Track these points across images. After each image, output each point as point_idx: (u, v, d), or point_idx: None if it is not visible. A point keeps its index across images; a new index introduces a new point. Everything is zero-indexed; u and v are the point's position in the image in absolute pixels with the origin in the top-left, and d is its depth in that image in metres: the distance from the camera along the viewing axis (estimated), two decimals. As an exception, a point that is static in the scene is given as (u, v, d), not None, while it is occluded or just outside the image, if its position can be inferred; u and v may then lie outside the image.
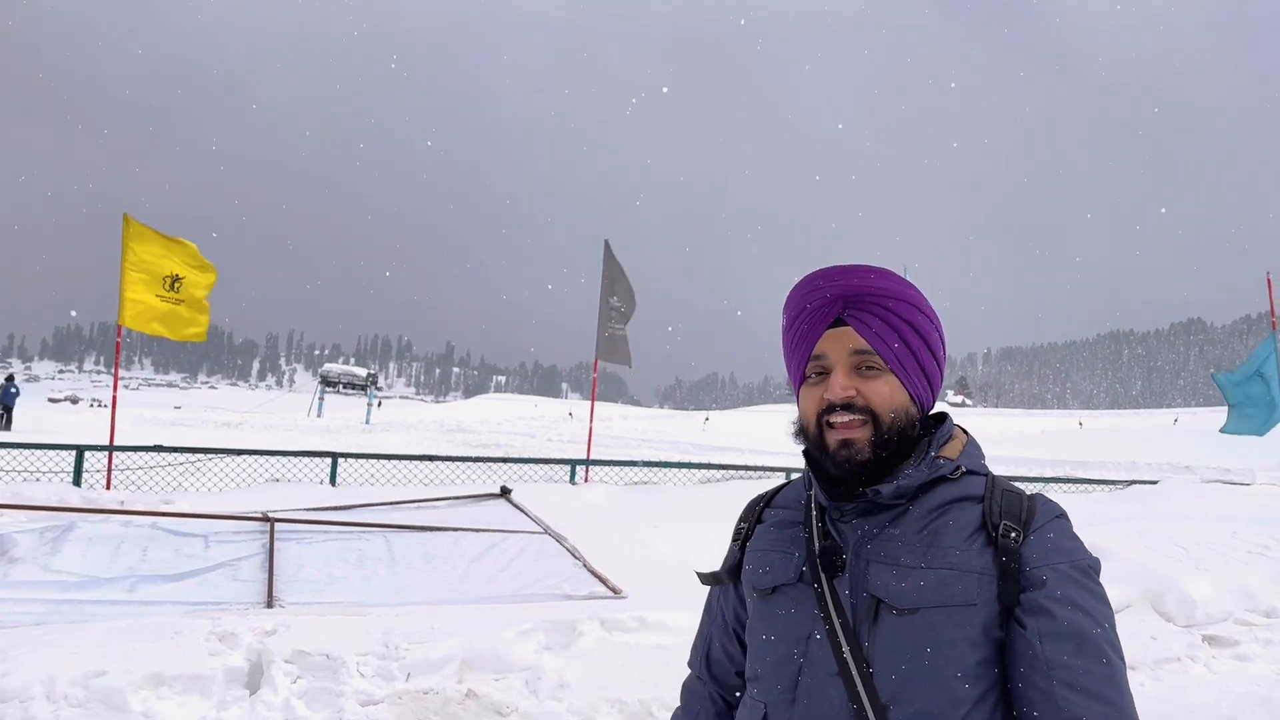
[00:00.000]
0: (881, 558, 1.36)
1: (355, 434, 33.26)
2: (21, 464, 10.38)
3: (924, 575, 1.33)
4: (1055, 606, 1.30)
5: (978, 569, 1.32)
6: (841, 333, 1.42)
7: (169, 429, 31.07)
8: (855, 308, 1.42)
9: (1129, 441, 39.95)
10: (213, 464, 11.44)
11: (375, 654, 4.62)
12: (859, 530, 1.40)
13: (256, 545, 7.19)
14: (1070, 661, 1.26)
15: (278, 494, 9.86)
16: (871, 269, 1.45)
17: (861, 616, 1.34)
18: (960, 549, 1.34)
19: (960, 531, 1.36)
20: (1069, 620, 1.29)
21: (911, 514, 1.40)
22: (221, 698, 4.27)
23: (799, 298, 1.47)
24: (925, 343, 1.45)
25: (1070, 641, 1.27)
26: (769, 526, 1.55)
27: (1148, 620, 6.36)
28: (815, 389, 1.44)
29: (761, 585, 1.47)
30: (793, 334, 1.48)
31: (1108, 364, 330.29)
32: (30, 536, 6.96)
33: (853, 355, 1.41)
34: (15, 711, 3.97)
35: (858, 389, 1.39)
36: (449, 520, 8.61)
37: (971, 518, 1.38)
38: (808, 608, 1.39)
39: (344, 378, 64.34)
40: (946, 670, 1.29)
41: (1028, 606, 1.31)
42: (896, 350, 1.41)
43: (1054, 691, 1.25)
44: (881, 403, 1.39)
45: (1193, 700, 5.26)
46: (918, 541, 1.36)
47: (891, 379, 1.41)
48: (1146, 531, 8.11)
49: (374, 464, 11.87)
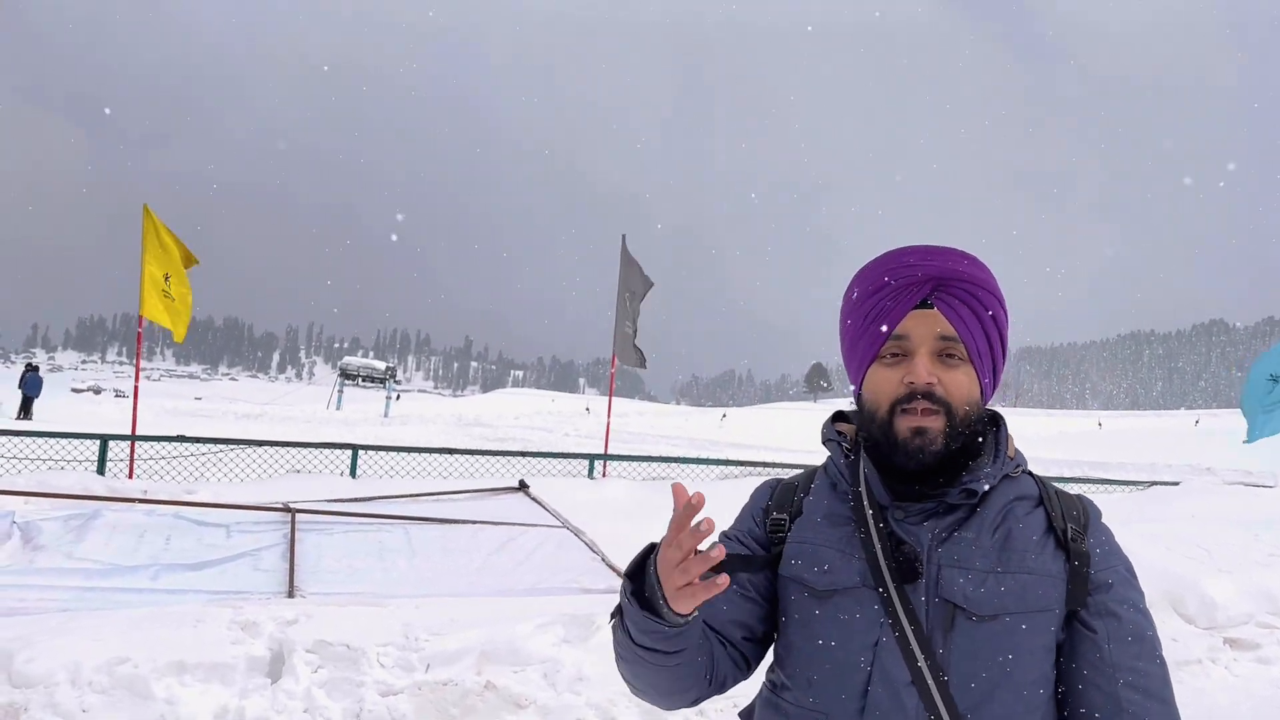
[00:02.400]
0: (955, 562, 1.31)
1: (374, 426, 33.45)
2: (46, 452, 10.47)
3: (1003, 580, 1.29)
4: (1121, 609, 1.32)
5: (1053, 573, 1.32)
6: (928, 315, 1.34)
7: (190, 419, 31.33)
8: (944, 291, 1.35)
9: (1149, 442, 39.66)
10: (234, 454, 11.51)
11: (395, 645, 4.64)
12: (929, 533, 1.33)
13: (278, 536, 7.24)
14: (1134, 664, 1.29)
15: (298, 485, 9.92)
16: (964, 254, 1.39)
17: (935, 624, 1.28)
18: (1035, 553, 1.32)
19: (1031, 534, 1.34)
20: (1133, 623, 1.32)
21: (981, 515, 1.34)
22: (243, 686, 4.30)
23: (881, 271, 1.38)
24: (1001, 338, 1.40)
25: (1135, 645, 1.30)
26: (813, 520, 1.44)
27: (1169, 622, 6.32)
28: (893, 371, 1.35)
29: (819, 586, 1.36)
30: (869, 309, 1.38)
31: (1128, 364, 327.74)
32: (55, 524, 7.03)
33: (938, 341, 1.34)
34: (40, 697, 4.02)
35: (939, 377, 1.33)
36: (468, 513, 8.64)
37: (1038, 519, 1.36)
38: (872, 613, 1.31)
39: (363, 371, 64.60)
40: (1025, 678, 1.28)
41: (1095, 610, 1.32)
42: (979, 342, 1.36)
43: (1119, 694, 1.27)
44: (960, 395, 1.33)
45: (1214, 703, 5.22)
46: (991, 545, 1.32)
47: (970, 370, 1.36)
48: (1167, 533, 8.05)
49: (393, 456, 11.90)
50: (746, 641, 1.46)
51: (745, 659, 1.47)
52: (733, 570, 1.41)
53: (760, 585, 1.45)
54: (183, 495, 8.88)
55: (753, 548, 1.49)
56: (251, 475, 11.12)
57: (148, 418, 24.03)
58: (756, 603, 1.45)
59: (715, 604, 1.40)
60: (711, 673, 1.39)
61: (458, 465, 11.90)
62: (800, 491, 1.51)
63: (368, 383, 63.95)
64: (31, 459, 10.28)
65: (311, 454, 11.78)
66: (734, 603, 1.44)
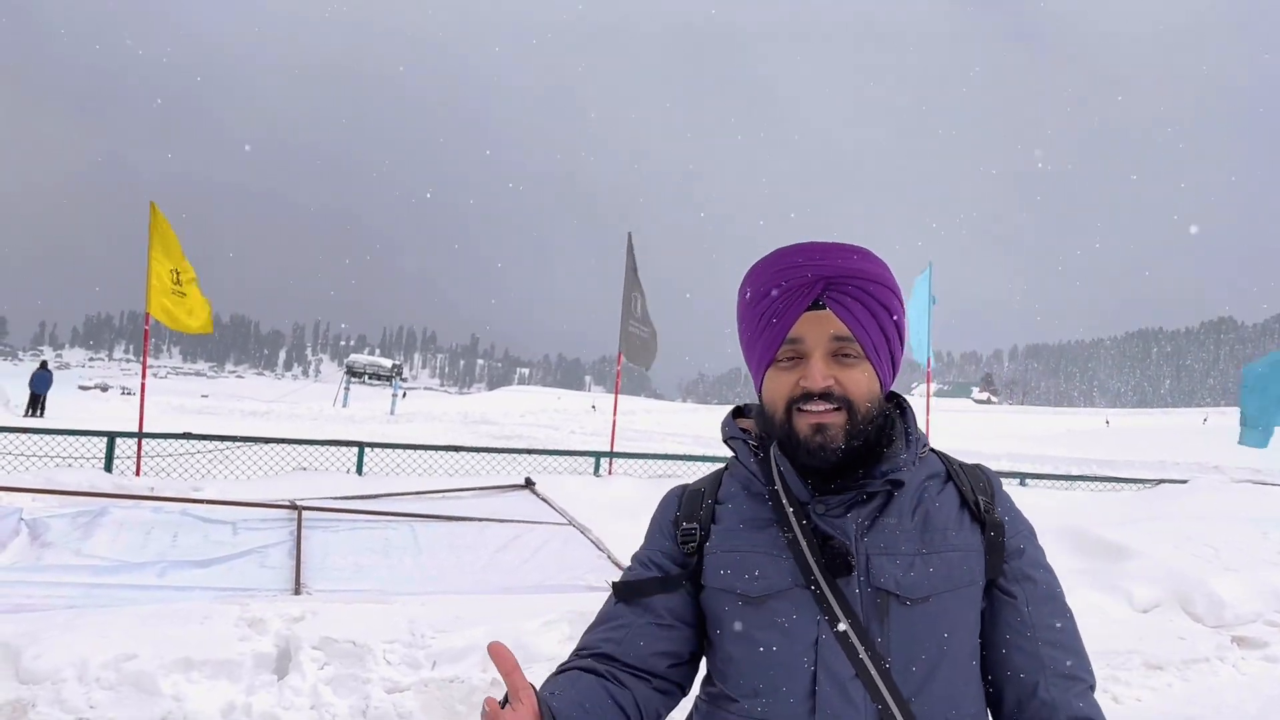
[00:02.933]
0: (883, 550, 1.32)
1: (380, 424, 33.45)
2: (54, 449, 10.50)
3: (930, 561, 1.32)
4: (1036, 573, 1.40)
5: (973, 547, 1.36)
6: (821, 316, 1.34)
7: (196, 417, 31.39)
8: (836, 290, 1.34)
9: (1157, 440, 39.55)
10: (241, 452, 11.54)
11: (401, 642, 4.65)
12: (853, 524, 1.33)
13: (284, 533, 7.26)
14: (1050, 622, 1.37)
15: (305, 482, 9.94)
16: (854, 249, 1.38)
17: (871, 613, 1.29)
18: (954, 529, 1.36)
19: (948, 511, 1.38)
20: (1046, 584, 1.41)
21: (898, 500, 1.36)
22: (250, 682, 4.31)
23: (772, 274, 1.37)
24: (897, 329, 1.39)
25: (1049, 604, 1.39)
26: (734, 527, 1.41)
27: (1176, 620, 6.31)
28: (788, 374, 1.35)
29: (753, 593, 1.34)
30: (762, 313, 1.38)
31: (1136, 362, 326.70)
32: (62, 521, 7.06)
33: (832, 341, 1.33)
34: (47, 693, 4.03)
35: (835, 377, 1.33)
36: (474, 510, 8.66)
37: (951, 495, 1.40)
38: (809, 612, 1.30)
39: (369, 368, 64.57)
40: (960, 653, 1.33)
41: (1012, 575, 1.39)
42: (874, 338, 1.36)
43: (1040, 652, 1.35)
44: (859, 392, 1.33)
45: (1221, 701, 5.21)
46: (912, 528, 1.34)
47: (867, 367, 1.35)
48: (1175, 531, 8.03)
49: (399, 454, 11.92)
50: (674, 668, 1.43)
51: (677, 685, 1.44)
52: (649, 594, 1.42)
53: (678, 608, 1.42)
54: (189, 493, 8.91)
55: (667, 566, 1.46)
56: (258, 473, 11.14)
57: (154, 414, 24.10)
58: (675, 628, 1.42)
59: (631, 641, 1.40)
60: (639, 717, 1.37)
61: (464, 463, 11.91)
62: (708, 497, 1.48)
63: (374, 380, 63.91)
64: (39, 456, 10.31)
65: (318, 451, 11.80)
66: (651, 634, 1.41)
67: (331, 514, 8.01)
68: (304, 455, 11.73)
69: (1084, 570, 7.06)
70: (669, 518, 1.51)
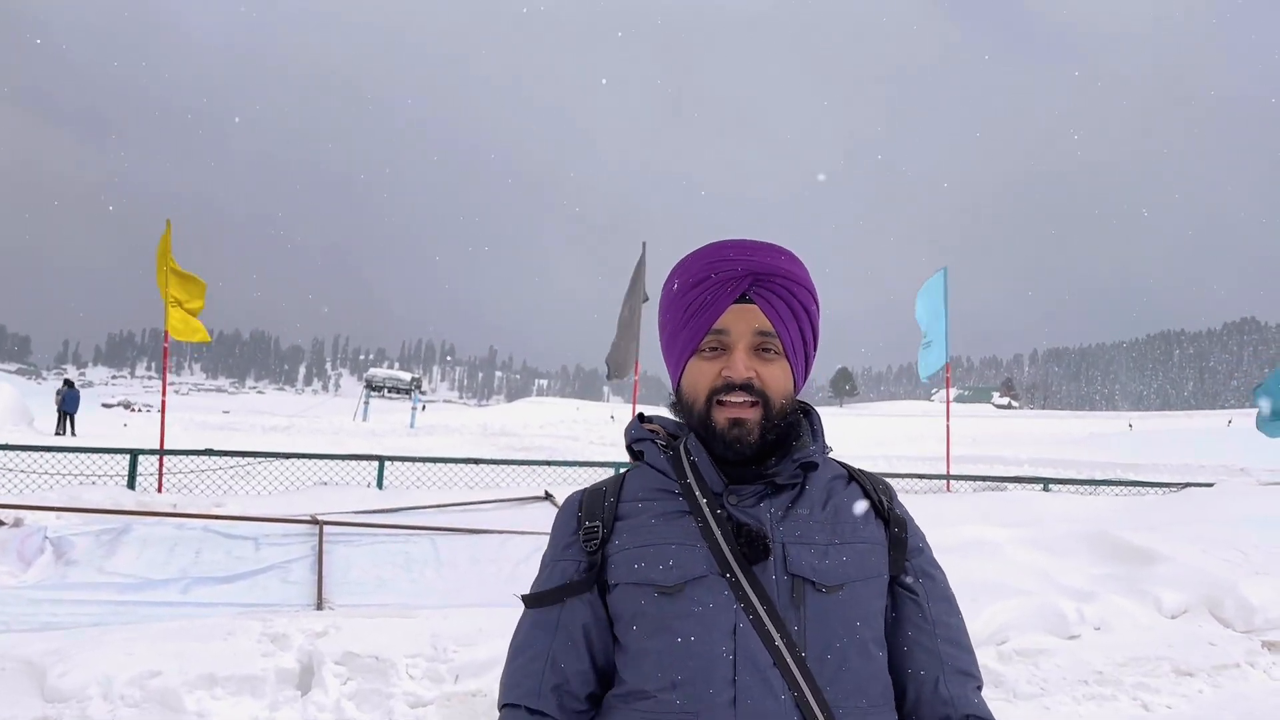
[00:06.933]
0: (798, 538, 1.35)
1: (400, 437, 33.58)
2: (77, 467, 10.60)
3: (843, 551, 1.36)
4: (934, 571, 1.48)
5: (879, 541, 1.42)
6: (747, 310, 1.38)
7: (218, 433, 31.58)
8: (763, 287, 1.38)
9: (1181, 443, 39.15)
10: (262, 467, 11.60)
11: (424, 656, 4.65)
12: (766, 513, 1.36)
13: (306, 548, 7.27)
14: (947, 620, 1.45)
15: (326, 497, 9.96)
16: (782, 250, 1.43)
17: (787, 600, 1.31)
18: (862, 524, 1.41)
19: (855, 507, 1.43)
20: (942, 583, 1.48)
21: (809, 493, 1.41)
22: (274, 698, 4.32)
23: (703, 265, 1.40)
24: (814, 332, 1.46)
25: (945, 602, 1.46)
26: (645, 523, 1.40)
27: (1205, 625, 6.23)
28: (711, 364, 1.39)
29: (668, 582, 1.32)
30: (690, 301, 1.40)
31: (1158, 364, 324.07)
32: (86, 539, 7.10)
33: (756, 335, 1.38)
34: (73, 711, 4.05)
35: (757, 371, 1.37)
36: (495, 523, 8.65)
37: (856, 493, 1.45)
38: (725, 599, 1.30)
39: (389, 382, 64.84)
40: (871, 642, 1.36)
41: (914, 572, 1.45)
42: (794, 337, 1.41)
43: (939, 649, 1.41)
44: (776, 388, 1.38)
45: (1252, 707, 5.13)
46: (824, 519, 1.39)
47: (785, 364, 1.40)
48: (1202, 535, 7.93)
49: (419, 467, 11.95)
50: (597, 690, 1.41)
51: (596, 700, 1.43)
52: (560, 599, 1.40)
53: (600, 625, 1.40)
54: (212, 508, 8.94)
55: (572, 571, 1.43)
56: (279, 488, 11.19)
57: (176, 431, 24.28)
58: (589, 642, 1.40)
59: (564, 680, 1.38)
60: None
61: (484, 475, 11.92)
62: (610, 497, 1.46)
63: (393, 394, 64.18)
64: (63, 474, 10.40)
65: (338, 466, 11.85)
66: (572, 654, 1.39)
67: (353, 528, 8.02)
68: (325, 470, 11.77)
69: (1111, 575, 6.98)
70: (571, 519, 1.48)
